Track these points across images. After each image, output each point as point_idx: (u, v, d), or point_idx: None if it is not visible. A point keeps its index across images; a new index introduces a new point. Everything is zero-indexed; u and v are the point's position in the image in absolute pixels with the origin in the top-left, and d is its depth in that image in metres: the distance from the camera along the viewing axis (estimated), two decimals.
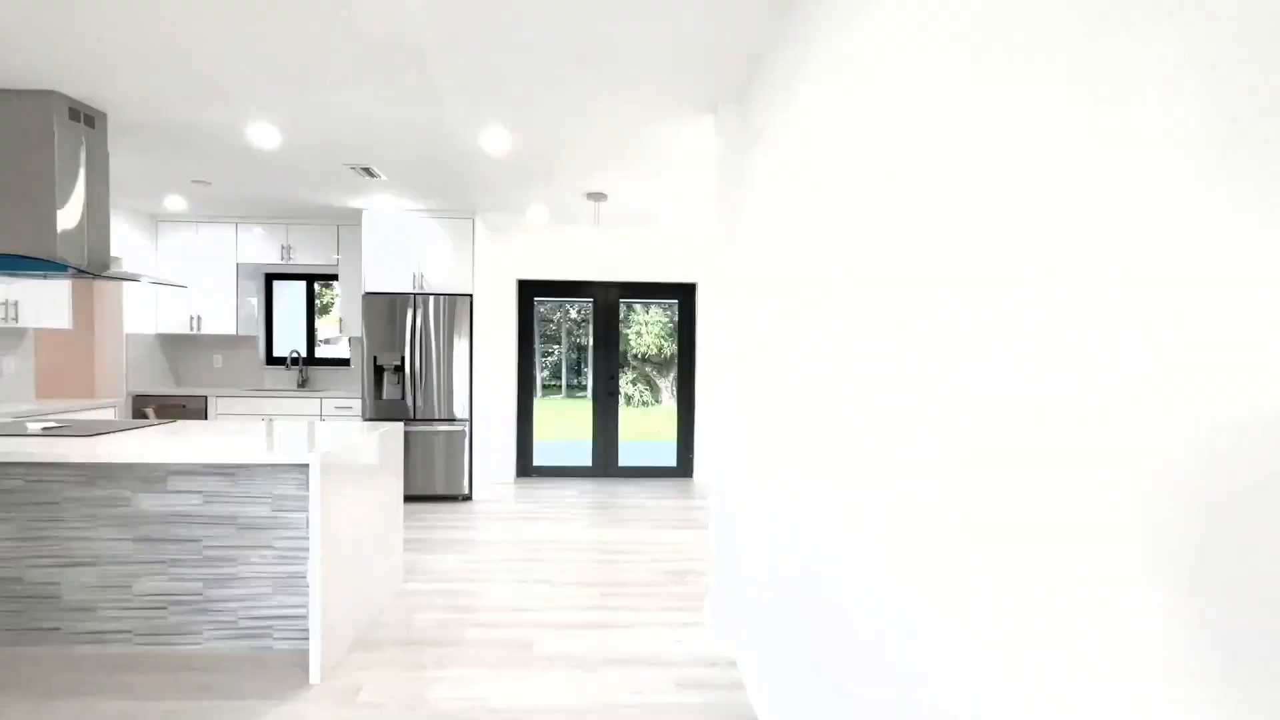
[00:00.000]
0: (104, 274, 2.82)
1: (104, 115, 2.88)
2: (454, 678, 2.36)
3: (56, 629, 2.56)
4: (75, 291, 4.28)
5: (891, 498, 1.12)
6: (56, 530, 2.55)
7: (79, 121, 2.75)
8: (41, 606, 2.55)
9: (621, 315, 6.11)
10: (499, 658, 2.51)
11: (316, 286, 5.96)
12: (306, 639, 2.58)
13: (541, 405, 6.18)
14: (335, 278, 5.64)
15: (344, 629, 2.54)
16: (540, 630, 2.76)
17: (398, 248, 4.92)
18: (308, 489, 2.55)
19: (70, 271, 2.70)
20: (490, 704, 2.19)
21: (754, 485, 2.28)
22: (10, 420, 3.06)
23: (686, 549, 3.90)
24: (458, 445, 4.96)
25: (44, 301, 3.97)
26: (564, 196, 4.33)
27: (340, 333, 5.40)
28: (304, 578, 2.57)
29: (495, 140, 3.18)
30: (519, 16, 2.01)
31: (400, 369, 4.89)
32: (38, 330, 4.30)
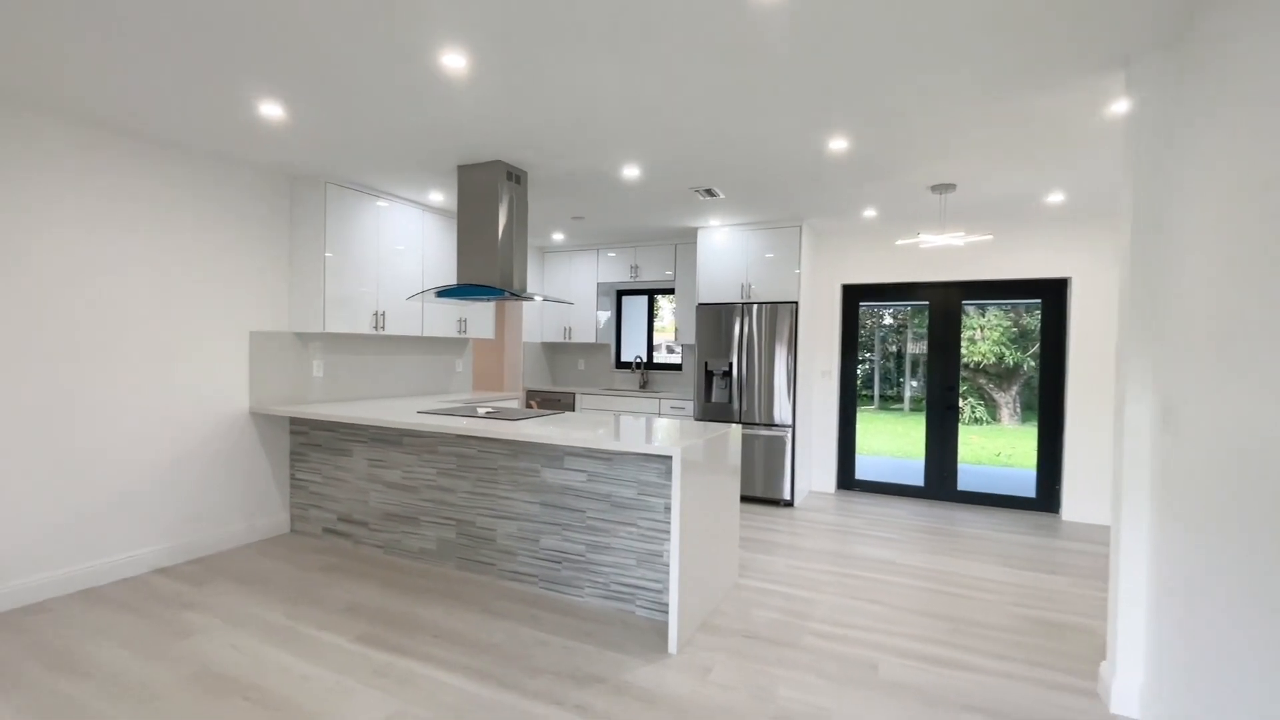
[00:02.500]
0: (522, 296, 3.65)
1: (525, 173, 3.74)
2: (797, 680, 2.38)
3: (492, 564, 3.38)
4: (496, 310, 5.66)
5: None
6: (493, 490, 3.38)
7: (511, 180, 3.62)
8: (484, 546, 3.41)
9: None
10: (841, 672, 2.45)
11: (656, 299, 6.74)
12: (662, 611, 2.91)
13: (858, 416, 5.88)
14: (672, 291, 6.31)
15: (694, 610, 2.79)
16: (882, 654, 2.61)
17: (727, 261, 5.25)
18: (667, 478, 2.88)
19: (506, 295, 3.56)
20: (837, 719, 2.15)
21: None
22: (463, 405, 4.18)
23: (1057, 597, 3.25)
24: (777, 450, 5.05)
25: (479, 318, 5.33)
26: (903, 192, 4.05)
27: (676, 341, 6.00)
28: (660, 556, 2.91)
29: (836, 145, 3.15)
30: (875, 7, 1.94)
31: (728, 374, 5.20)
32: (475, 340, 5.80)
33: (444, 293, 3.61)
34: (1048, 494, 5.00)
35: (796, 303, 4.98)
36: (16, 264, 2.87)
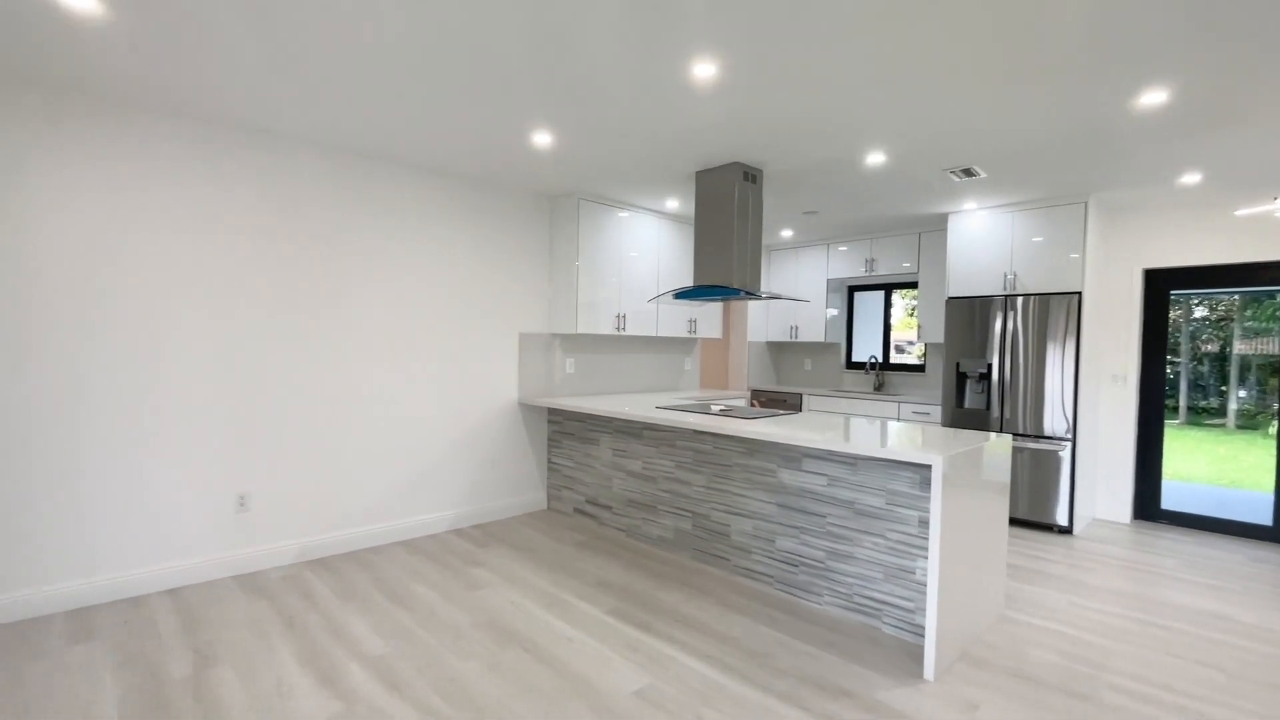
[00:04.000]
0: (756, 295, 3.64)
1: (761, 172, 3.73)
2: None
3: (726, 559, 3.43)
4: (723, 310, 5.75)
5: None
6: (728, 486, 3.43)
7: (747, 180, 3.64)
8: (718, 540, 3.48)
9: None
10: None
11: (893, 295, 6.24)
12: (913, 631, 2.67)
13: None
14: (913, 285, 5.77)
15: (953, 636, 2.51)
16: None
17: (986, 248, 4.64)
18: (920, 488, 2.63)
19: (742, 294, 3.60)
20: None
21: None
22: (696, 402, 4.32)
23: None
24: (1047, 466, 4.31)
25: (708, 318, 5.46)
26: (1251, 146, 3.16)
27: (918, 339, 5.48)
28: (912, 573, 2.67)
29: (1149, 99, 2.58)
30: None
31: (985, 377, 4.58)
32: (703, 339, 5.97)
33: (682, 294, 3.76)
34: None
35: (1079, 293, 4.20)
36: (361, 299, 3.71)
